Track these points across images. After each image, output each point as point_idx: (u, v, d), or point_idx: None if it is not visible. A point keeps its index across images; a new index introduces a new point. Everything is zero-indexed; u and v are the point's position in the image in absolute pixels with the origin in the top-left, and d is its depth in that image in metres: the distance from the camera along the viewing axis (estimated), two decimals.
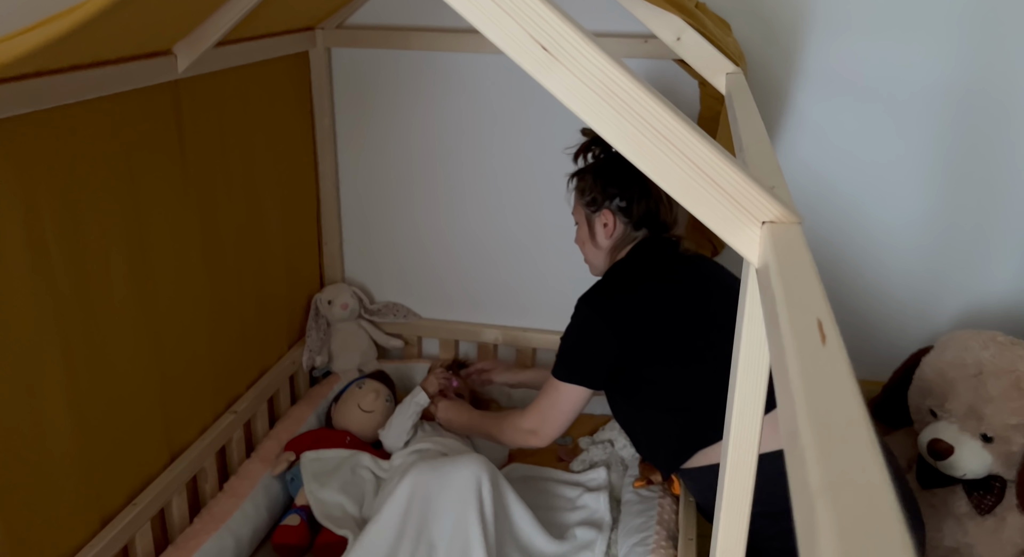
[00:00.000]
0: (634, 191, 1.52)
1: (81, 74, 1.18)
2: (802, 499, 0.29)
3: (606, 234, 1.56)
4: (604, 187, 1.53)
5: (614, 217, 1.54)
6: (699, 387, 1.41)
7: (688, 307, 1.46)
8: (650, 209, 1.53)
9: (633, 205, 1.52)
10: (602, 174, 1.54)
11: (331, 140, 2.06)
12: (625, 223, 1.54)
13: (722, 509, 0.71)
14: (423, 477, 1.53)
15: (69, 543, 1.30)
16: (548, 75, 0.55)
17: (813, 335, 0.39)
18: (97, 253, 1.31)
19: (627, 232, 1.55)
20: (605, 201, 1.54)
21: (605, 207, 1.54)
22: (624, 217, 1.54)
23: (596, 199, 1.54)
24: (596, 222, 1.56)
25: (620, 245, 1.57)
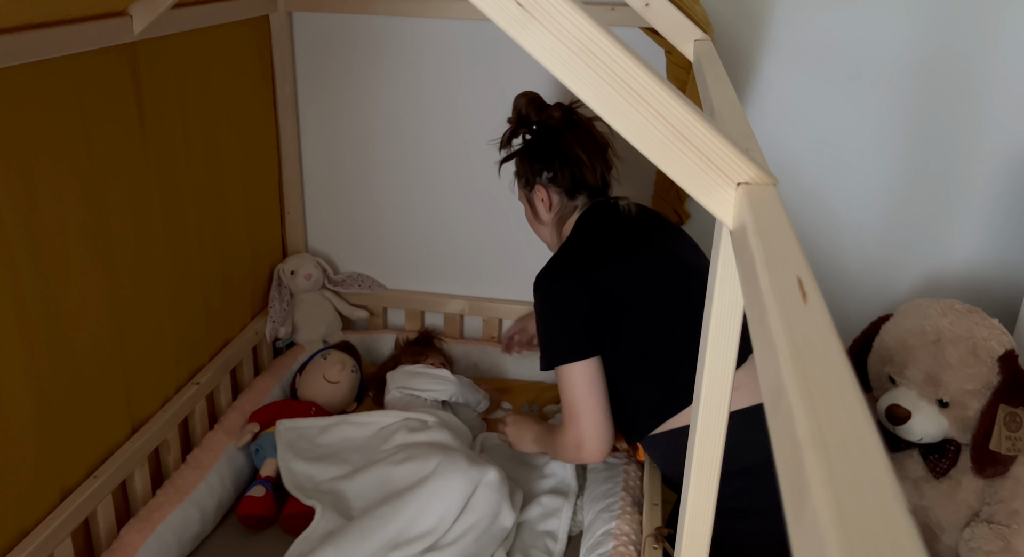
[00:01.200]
0: (556, 160, 1.56)
1: (30, 34, 1.14)
2: (789, 453, 0.29)
3: (546, 208, 1.60)
4: (531, 164, 1.59)
5: (547, 190, 1.58)
6: (670, 340, 1.42)
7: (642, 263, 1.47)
8: (574, 174, 1.56)
9: (558, 174, 1.56)
10: (527, 153, 1.60)
11: (293, 107, 2.02)
12: (559, 193, 1.58)
13: (691, 471, 0.72)
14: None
15: (29, 516, 1.28)
16: (523, 32, 0.54)
17: (794, 293, 0.39)
18: (53, 223, 1.27)
19: (564, 202, 1.59)
20: (535, 177, 1.59)
21: (537, 183, 1.59)
22: (556, 187, 1.58)
23: (528, 178, 1.60)
24: (535, 199, 1.61)
25: (564, 216, 1.60)
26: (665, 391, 1.41)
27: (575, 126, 1.58)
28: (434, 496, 1.45)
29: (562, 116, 1.57)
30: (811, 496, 0.26)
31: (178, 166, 1.60)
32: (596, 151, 1.58)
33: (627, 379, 1.44)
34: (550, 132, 1.57)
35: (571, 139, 1.55)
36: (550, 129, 1.57)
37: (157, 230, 1.54)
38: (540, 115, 1.58)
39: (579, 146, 1.55)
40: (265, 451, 1.68)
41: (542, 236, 1.67)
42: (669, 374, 1.41)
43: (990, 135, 1.81)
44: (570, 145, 1.55)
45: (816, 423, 0.28)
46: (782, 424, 0.31)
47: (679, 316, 1.41)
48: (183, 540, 1.47)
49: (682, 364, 1.37)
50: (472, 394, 1.88)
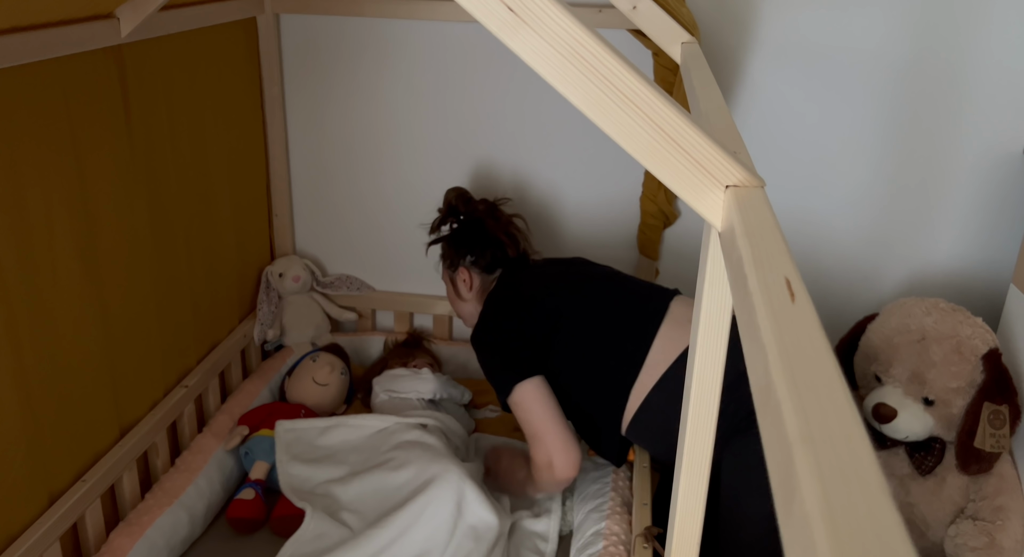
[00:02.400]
0: (478, 246, 1.73)
1: (16, 37, 1.14)
2: (778, 450, 0.30)
3: (467, 287, 1.75)
4: (456, 250, 1.75)
5: (468, 271, 1.74)
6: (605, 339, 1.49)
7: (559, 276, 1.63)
8: (496, 254, 1.72)
9: (480, 257, 1.73)
10: (454, 240, 1.77)
11: (280, 109, 2.02)
12: (480, 273, 1.74)
13: (681, 469, 0.73)
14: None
15: (17, 521, 1.27)
16: (514, 37, 0.54)
17: (782, 293, 0.40)
18: (41, 226, 1.27)
19: (484, 278, 1.75)
20: (459, 261, 1.75)
21: (461, 265, 1.75)
22: (476, 269, 1.74)
23: (452, 261, 1.76)
24: (457, 279, 1.76)
25: (484, 290, 1.74)
26: (616, 380, 1.46)
27: (497, 217, 1.76)
28: (423, 513, 1.46)
29: (486, 209, 1.76)
30: (800, 490, 0.26)
31: (165, 169, 1.60)
32: (517, 235, 1.76)
33: (581, 390, 1.50)
34: (475, 223, 1.75)
35: (493, 225, 1.73)
36: (475, 220, 1.75)
37: (144, 232, 1.54)
38: (467, 207, 1.77)
39: (500, 231, 1.72)
40: (254, 454, 1.68)
41: (462, 311, 1.80)
42: (612, 366, 1.47)
43: (973, 134, 1.83)
44: (492, 231, 1.72)
45: (805, 420, 0.29)
46: (771, 421, 0.32)
47: (605, 316, 1.51)
48: (172, 544, 1.47)
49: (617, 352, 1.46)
50: (454, 389, 1.91)
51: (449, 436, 1.71)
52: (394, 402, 1.83)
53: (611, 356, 1.47)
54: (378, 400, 1.86)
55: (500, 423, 1.93)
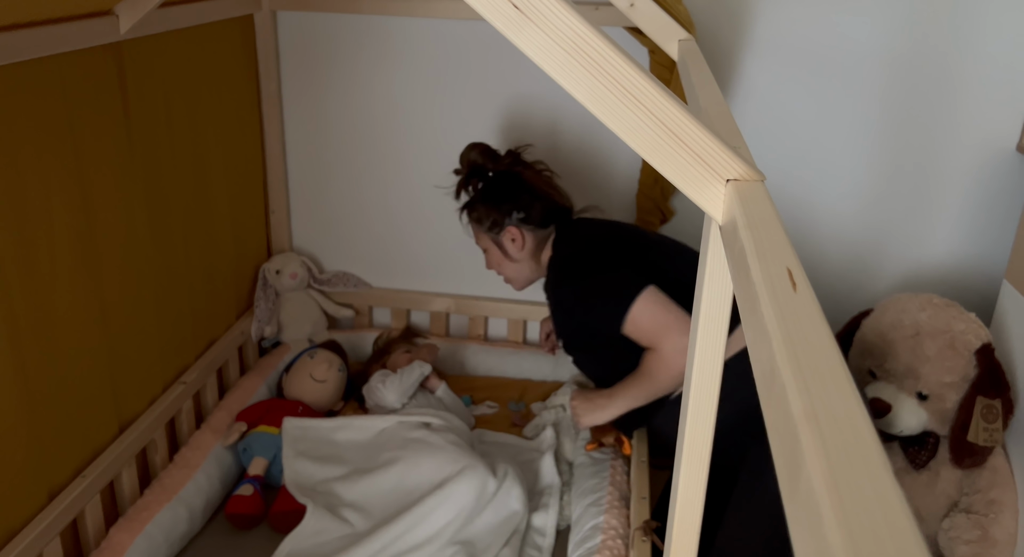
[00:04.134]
0: (524, 199, 1.61)
1: (16, 34, 1.14)
2: (783, 429, 0.31)
3: (518, 247, 1.64)
4: (498, 208, 1.62)
5: (519, 229, 1.63)
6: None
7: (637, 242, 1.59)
8: (546, 206, 1.62)
9: (530, 210, 1.62)
10: (490, 198, 1.64)
11: (277, 106, 2.02)
12: (532, 229, 1.64)
13: (681, 462, 0.74)
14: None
15: (17, 517, 1.27)
16: (519, 34, 0.55)
17: (784, 283, 0.41)
18: (40, 223, 1.27)
19: (538, 234, 1.64)
20: (505, 219, 1.63)
21: (507, 225, 1.63)
22: (528, 225, 1.63)
23: (496, 221, 1.63)
24: (504, 241, 1.65)
25: (539, 246, 1.65)
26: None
27: (527, 166, 1.65)
28: (446, 500, 1.49)
29: (513, 160, 1.65)
30: (806, 467, 0.27)
31: (163, 165, 1.60)
32: (553, 182, 1.66)
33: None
34: (509, 176, 1.63)
35: (533, 176, 1.62)
36: (508, 173, 1.63)
37: (143, 229, 1.54)
38: (495, 163, 1.65)
39: (542, 182, 1.63)
40: (252, 450, 1.68)
41: (512, 273, 1.71)
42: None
43: (966, 130, 1.85)
44: (533, 182, 1.62)
45: (808, 401, 0.30)
46: (776, 403, 0.33)
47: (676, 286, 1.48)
48: (171, 539, 1.48)
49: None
50: (412, 374, 1.85)
51: (456, 433, 1.72)
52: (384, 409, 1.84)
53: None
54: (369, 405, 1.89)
55: (500, 419, 1.94)
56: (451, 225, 2.12)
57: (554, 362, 2.09)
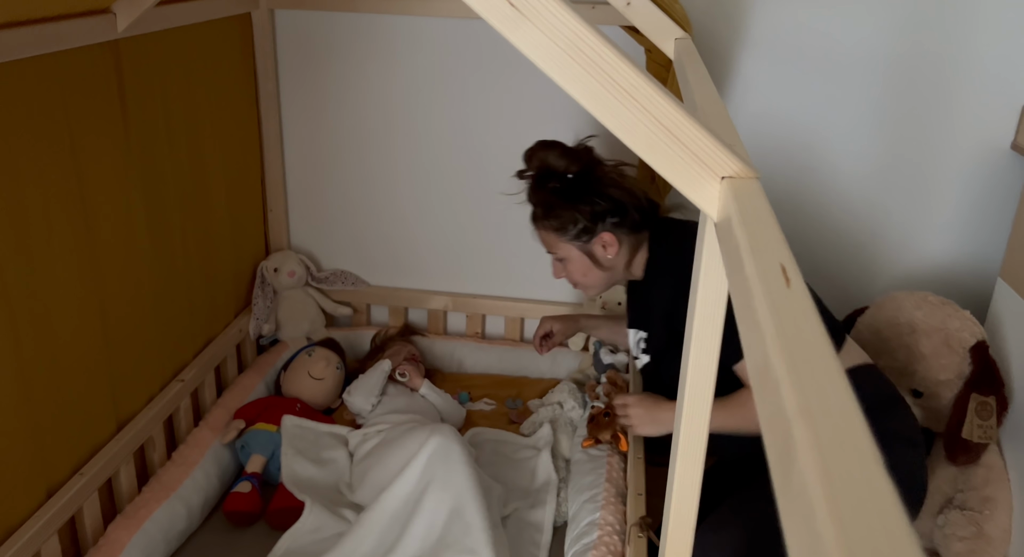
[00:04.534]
0: (614, 201, 1.44)
1: (13, 32, 1.14)
2: (776, 423, 0.31)
3: (612, 254, 1.47)
4: (588, 212, 1.44)
5: (614, 235, 1.45)
6: None
7: None
8: (638, 207, 1.46)
9: (624, 214, 1.45)
10: (575, 201, 1.45)
11: (275, 104, 2.02)
12: (627, 233, 1.47)
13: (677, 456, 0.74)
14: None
15: (15, 514, 1.28)
16: (515, 31, 0.56)
17: (778, 278, 0.41)
18: (38, 220, 1.27)
19: (632, 239, 1.48)
20: (597, 225, 1.45)
21: (600, 231, 1.45)
22: (623, 229, 1.46)
23: (586, 228, 1.45)
24: (594, 247, 1.47)
25: (634, 250, 1.50)
26: None
27: (603, 162, 1.48)
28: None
29: (592, 158, 1.48)
30: (798, 461, 0.28)
31: (161, 164, 1.60)
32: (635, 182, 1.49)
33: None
34: (592, 176, 1.45)
35: (617, 175, 1.46)
36: (590, 173, 1.45)
37: (141, 227, 1.54)
38: (576, 163, 1.46)
39: (626, 179, 1.46)
40: (250, 447, 1.69)
41: (593, 281, 1.53)
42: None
43: (961, 129, 1.85)
44: (620, 181, 1.45)
45: (802, 395, 0.31)
46: (770, 397, 0.33)
47: None
48: (169, 536, 1.48)
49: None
50: (372, 376, 1.86)
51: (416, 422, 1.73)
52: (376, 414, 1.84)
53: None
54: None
55: (497, 416, 1.95)
56: (448, 223, 2.12)
57: (551, 359, 2.10)
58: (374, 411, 1.81)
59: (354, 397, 1.83)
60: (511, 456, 1.77)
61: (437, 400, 1.87)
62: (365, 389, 1.82)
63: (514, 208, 2.08)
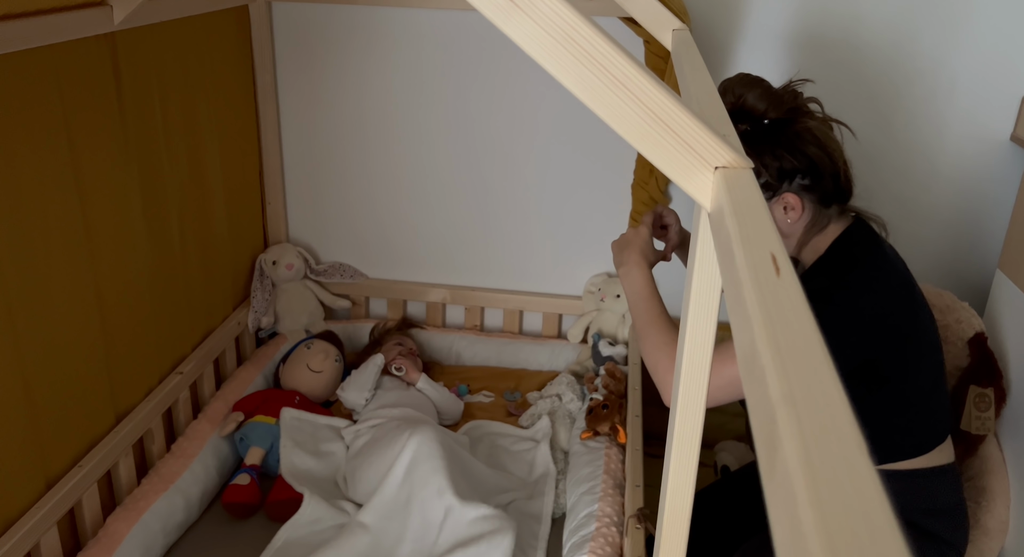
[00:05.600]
0: (812, 161, 1.26)
1: (9, 24, 1.14)
2: (762, 412, 0.32)
3: (794, 219, 1.29)
4: (778, 165, 1.26)
5: (800, 199, 1.27)
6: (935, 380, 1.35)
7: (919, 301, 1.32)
8: (837, 184, 1.29)
9: (820, 179, 1.27)
10: (767, 151, 1.26)
11: (273, 97, 2.02)
12: (814, 204, 1.29)
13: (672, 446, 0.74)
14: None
15: (14, 506, 1.28)
16: (508, 22, 0.56)
17: (768, 268, 0.41)
18: (35, 213, 1.27)
19: (817, 213, 1.30)
20: (783, 183, 1.27)
21: (784, 190, 1.27)
22: (811, 196, 1.28)
23: (768, 184, 1.27)
24: (774, 208, 1.29)
25: (816, 228, 1.31)
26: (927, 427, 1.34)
27: (810, 115, 1.30)
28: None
29: (796, 103, 1.29)
30: (783, 448, 0.28)
31: (159, 156, 1.60)
32: (839, 148, 1.29)
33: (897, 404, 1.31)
34: (794, 126, 1.27)
35: (824, 133, 1.28)
36: (792, 122, 1.27)
37: (138, 220, 1.54)
38: (779, 109, 1.28)
39: (833, 142, 1.28)
40: (249, 440, 1.69)
41: None
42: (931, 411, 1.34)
43: (960, 120, 1.85)
44: (827, 142, 1.27)
45: (787, 384, 0.31)
46: (756, 386, 0.33)
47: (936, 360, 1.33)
48: (168, 528, 1.48)
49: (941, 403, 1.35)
50: (365, 371, 1.85)
51: (407, 421, 1.72)
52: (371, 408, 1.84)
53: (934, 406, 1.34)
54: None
55: (495, 408, 1.95)
56: (447, 215, 2.12)
57: (550, 352, 2.10)
58: (368, 405, 1.81)
59: (348, 392, 1.83)
60: (509, 448, 1.77)
61: (434, 394, 1.87)
62: (358, 384, 1.82)
63: (512, 201, 2.08)
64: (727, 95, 1.32)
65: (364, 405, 1.81)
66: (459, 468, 1.53)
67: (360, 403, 1.81)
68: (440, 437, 1.55)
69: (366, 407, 1.81)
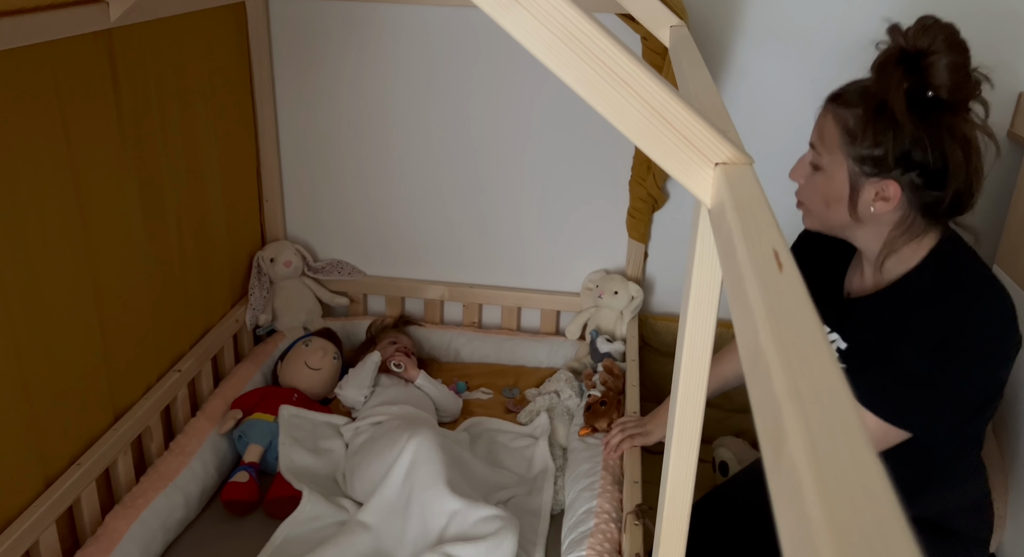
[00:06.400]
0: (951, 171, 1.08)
1: (6, 21, 1.14)
2: (767, 406, 0.32)
3: (880, 210, 1.12)
4: (907, 149, 1.07)
5: (901, 193, 1.10)
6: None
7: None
8: (956, 201, 1.11)
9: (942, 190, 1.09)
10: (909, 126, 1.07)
11: (270, 94, 2.02)
12: (913, 209, 1.12)
13: (672, 443, 0.74)
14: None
15: (13, 504, 1.28)
16: (507, 16, 0.56)
17: (770, 263, 0.41)
18: (33, 211, 1.27)
19: (913, 221, 1.13)
20: (895, 170, 1.09)
21: (890, 177, 1.09)
22: (918, 198, 1.10)
23: (881, 161, 1.09)
24: (866, 188, 1.12)
25: (907, 233, 1.14)
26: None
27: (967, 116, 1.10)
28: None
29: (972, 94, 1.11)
30: (788, 442, 0.28)
31: (156, 153, 1.60)
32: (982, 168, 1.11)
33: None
34: (949, 125, 1.08)
35: (978, 150, 1.11)
36: (946, 117, 1.08)
37: (136, 217, 1.54)
38: (954, 92, 1.08)
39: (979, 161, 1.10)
40: (248, 437, 1.69)
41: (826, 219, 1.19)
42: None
43: None
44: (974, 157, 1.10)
45: (792, 377, 0.31)
46: (760, 380, 0.33)
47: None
48: (167, 526, 1.48)
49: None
50: (362, 369, 1.85)
51: (406, 420, 1.72)
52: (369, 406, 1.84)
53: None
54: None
55: (494, 405, 1.95)
56: (445, 212, 2.12)
57: (548, 349, 2.10)
58: (368, 402, 1.81)
59: (346, 390, 1.83)
60: (508, 445, 1.78)
61: (433, 391, 1.87)
62: (356, 382, 1.82)
63: (510, 198, 2.08)
64: (909, 37, 1.12)
65: (363, 403, 1.81)
66: (459, 469, 1.53)
67: (358, 401, 1.81)
68: (439, 440, 1.55)
69: (365, 404, 1.81)
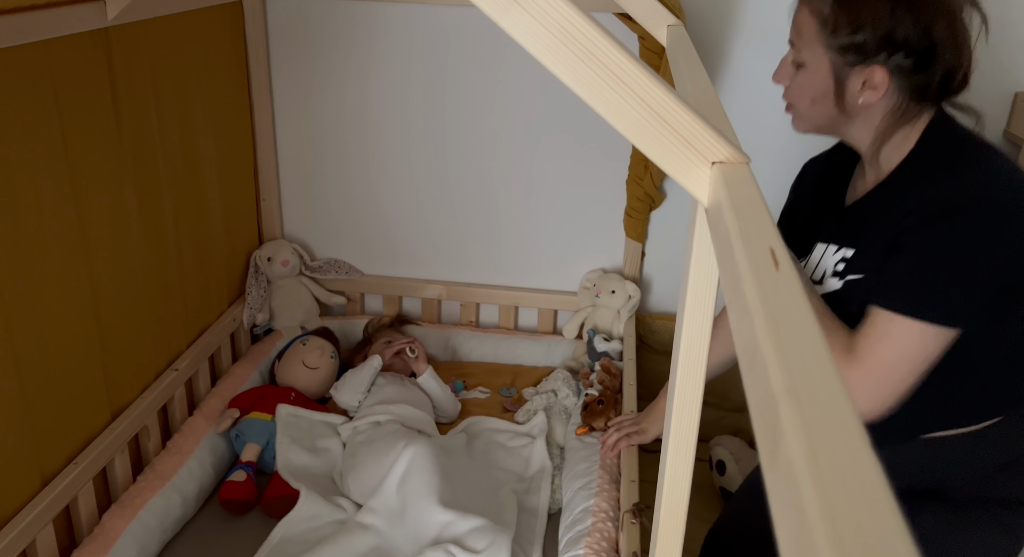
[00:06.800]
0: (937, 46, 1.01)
1: (3, 20, 1.13)
2: (764, 404, 0.32)
3: (869, 99, 1.05)
4: (889, 30, 1.00)
5: (889, 78, 1.02)
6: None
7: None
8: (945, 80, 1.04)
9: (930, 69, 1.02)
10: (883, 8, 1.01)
11: (267, 93, 2.02)
12: (904, 93, 1.04)
13: (669, 442, 0.75)
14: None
15: (9, 504, 1.28)
16: (505, 16, 0.56)
17: (767, 262, 0.41)
18: (30, 210, 1.27)
19: (904, 105, 1.05)
20: (880, 54, 1.01)
21: (874, 61, 1.02)
22: (907, 81, 1.03)
23: (862, 47, 1.02)
24: (852, 78, 1.05)
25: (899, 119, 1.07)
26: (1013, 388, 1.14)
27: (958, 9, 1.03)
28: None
29: None
30: (785, 441, 0.28)
31: (153, 152, 1.60)
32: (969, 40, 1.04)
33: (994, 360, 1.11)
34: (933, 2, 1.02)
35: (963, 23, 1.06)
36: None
37: (133, 216, 1.54)
38: None
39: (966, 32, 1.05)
40: (245, 436, 1.69)
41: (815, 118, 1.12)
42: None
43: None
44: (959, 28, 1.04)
45: (789, 376, 0.31)
46: (757, 379, 0.33)
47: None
48: (165, 525, 1.48)
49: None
50: (360, 373, 1.84)
51: (406, 423, 1.72)
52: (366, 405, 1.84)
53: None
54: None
55: (491, 404, 1.95)
56: (442, 211, 2.12)
57: (546, 348, 2.10)
58: (365, 400, 1.81)
59: (341, 393, 1.83)
60: (505, 444, 1.78)
61: (435, 389, 1.87)
62: (352, 386, 1.81)
63: (508, 196, 2.08)
64: None
65: (357, 407, 1.81)
66: (453, 481, 1.52)
67: (353, 405, 1.81)
68: (435, 451, 1.54)
69: (361, 405, 1.81)
